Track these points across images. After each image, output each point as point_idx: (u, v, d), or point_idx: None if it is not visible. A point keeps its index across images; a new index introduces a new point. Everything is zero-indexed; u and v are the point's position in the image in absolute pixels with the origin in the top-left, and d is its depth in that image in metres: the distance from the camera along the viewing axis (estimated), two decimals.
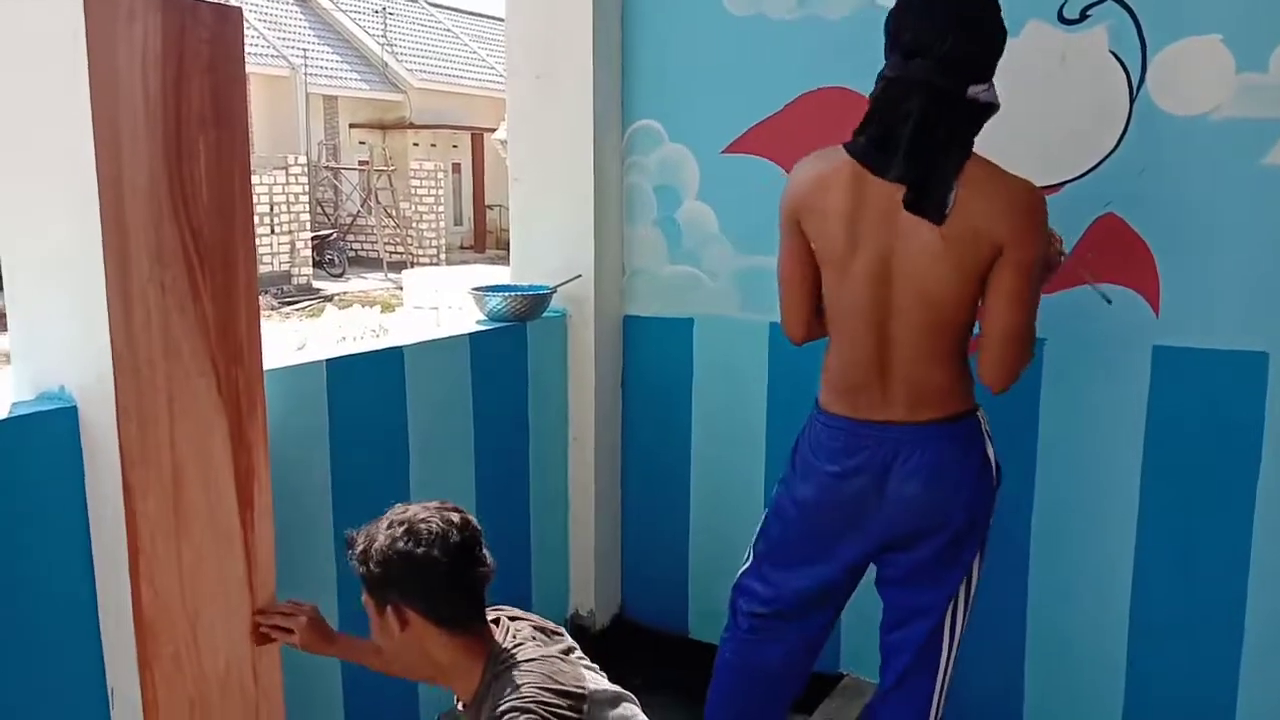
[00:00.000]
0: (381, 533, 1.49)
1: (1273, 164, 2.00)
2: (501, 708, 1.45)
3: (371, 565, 1.48)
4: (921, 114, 1.63)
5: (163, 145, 1.54)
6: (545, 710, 1.44)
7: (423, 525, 1.47)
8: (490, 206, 21.34)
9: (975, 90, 1.65)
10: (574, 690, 1.50)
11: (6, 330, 1.69)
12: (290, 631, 1.74)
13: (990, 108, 1.68)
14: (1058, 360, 2.24)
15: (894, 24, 1.71)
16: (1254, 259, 2.04)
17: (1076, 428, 2.24)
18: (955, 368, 1.78)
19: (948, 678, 1.92)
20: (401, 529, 1.47)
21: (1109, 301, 2.10)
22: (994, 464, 1.83)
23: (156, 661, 1.61)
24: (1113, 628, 2.26)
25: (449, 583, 1.48)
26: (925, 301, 1.71)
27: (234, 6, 1.66)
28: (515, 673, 1.49)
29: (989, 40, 1.69)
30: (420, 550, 1.45)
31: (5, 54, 1.55)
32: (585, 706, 1.50)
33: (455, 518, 1.50)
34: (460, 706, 1.64)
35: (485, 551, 1.52)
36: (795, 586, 1.93)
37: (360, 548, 1.50)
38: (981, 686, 2.42)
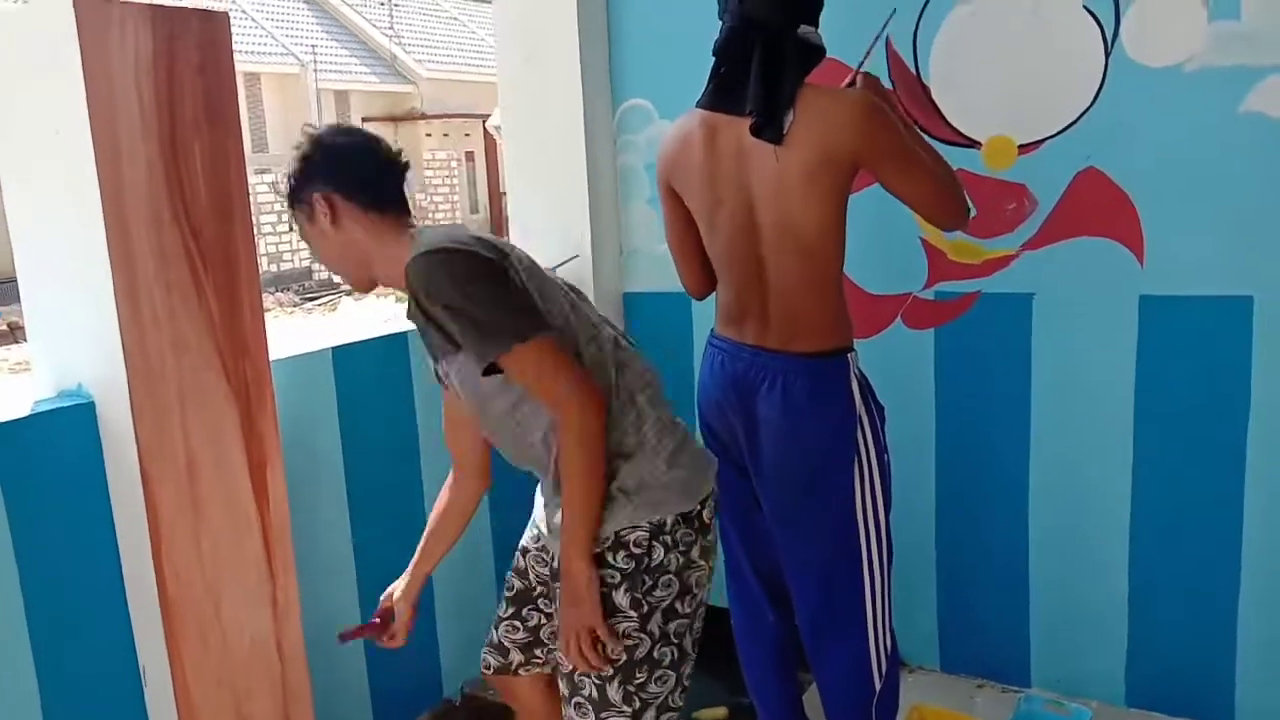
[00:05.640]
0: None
1: (1249, 111, 2.01)
2: (412, 255, 1.49)
3: (305, 152, 1.58)
4: (763, 47, 1.75)
5: (160, 150, 1.61)
6: (458, 244, 1.48)
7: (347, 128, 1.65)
8: (505, 193, 21.22)
9: (805, 30, 1.77)
10: (500, 243, 1.55)
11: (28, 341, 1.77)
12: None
13: (819, 50, 1.80)
14: (1046, 314, 2.27)
15: None
16: (1235, 205, 2.06)
17: (1068, 379, 2.28)
18: (829, 300, 1.86)
19: (881, 628, 1.93)
20: (332, 128, 1.62)
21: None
22: (859, 404, 1.86)
23: (183, 640, 1.70)
24: (1113, 572, 2.30)
25: (374, 163, 1.59)
26: (789, 233, 1.80)
27: (220, 11, 1.72)
28: (430, 233, 1.56)
29: None
30: (350, 139, 1.61)
31: (4, 71, 1.62)
32: (510, 257, 1.54)
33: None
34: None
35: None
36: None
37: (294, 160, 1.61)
38: (987, 631, 2.48)
